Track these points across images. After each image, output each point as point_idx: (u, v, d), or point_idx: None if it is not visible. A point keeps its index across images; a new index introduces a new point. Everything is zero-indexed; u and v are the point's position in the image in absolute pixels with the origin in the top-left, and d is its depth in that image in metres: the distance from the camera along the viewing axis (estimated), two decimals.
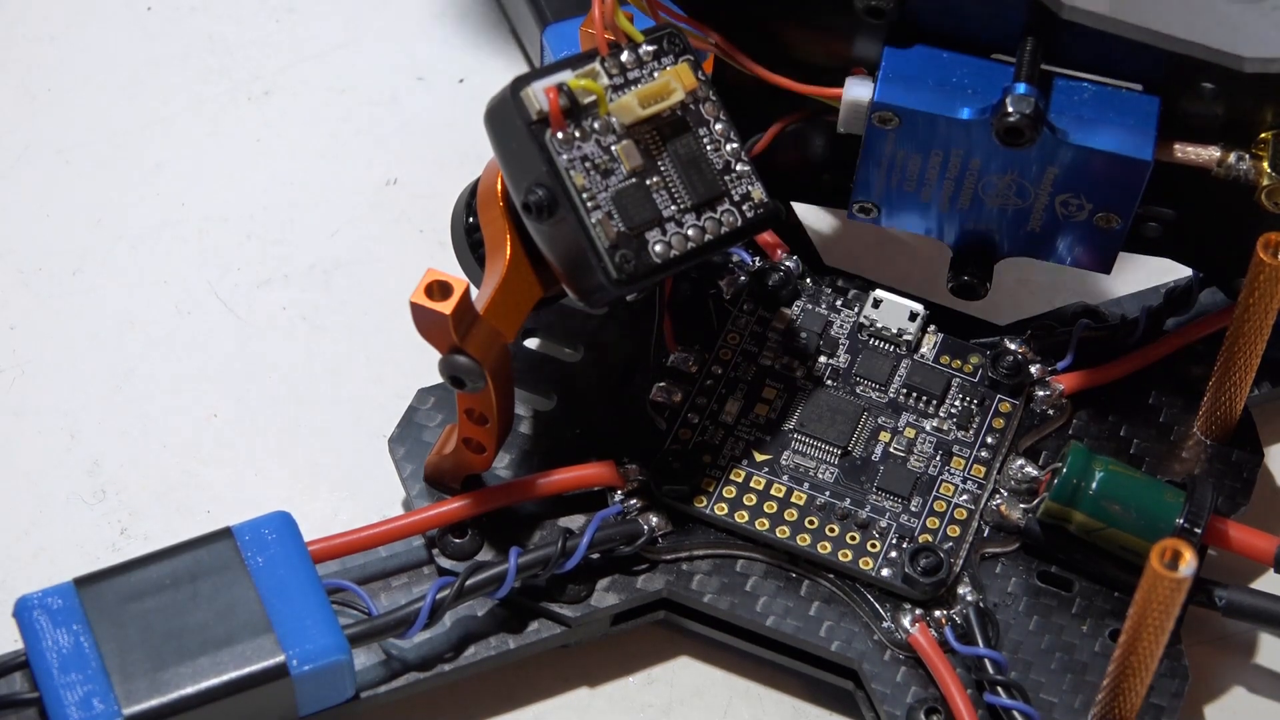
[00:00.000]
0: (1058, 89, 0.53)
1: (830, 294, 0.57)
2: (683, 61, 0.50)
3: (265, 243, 0.61)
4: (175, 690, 0.48)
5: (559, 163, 0.49)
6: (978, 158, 0.53)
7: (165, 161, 0.62)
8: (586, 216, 0.49)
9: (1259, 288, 0.51)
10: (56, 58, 0.64)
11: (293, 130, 0.63)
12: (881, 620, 0.52)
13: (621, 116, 0.49)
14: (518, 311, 0.51)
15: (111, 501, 0.56)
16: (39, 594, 0.49)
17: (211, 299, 0.60)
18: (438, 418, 0.55)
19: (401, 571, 0.53)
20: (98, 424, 0.57)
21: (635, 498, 0.53)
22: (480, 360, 0.49)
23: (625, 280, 0.49)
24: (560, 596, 0.52)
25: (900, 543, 0.53)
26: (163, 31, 0.65)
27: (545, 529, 0.53)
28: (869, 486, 0.54)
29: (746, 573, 0.53)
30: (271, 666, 0.49)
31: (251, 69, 0.64)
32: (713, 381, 0.55)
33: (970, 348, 0.56)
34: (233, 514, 0.52)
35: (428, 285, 0.48)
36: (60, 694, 0.48)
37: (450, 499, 0.53)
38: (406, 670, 0.52)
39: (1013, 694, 0.51)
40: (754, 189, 0.51)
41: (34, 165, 0.62)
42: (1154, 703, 0.51)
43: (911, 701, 0.51)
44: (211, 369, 0.58)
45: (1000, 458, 0.54)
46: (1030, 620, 0.53)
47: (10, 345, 0.59)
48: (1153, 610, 0.46)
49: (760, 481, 0.54)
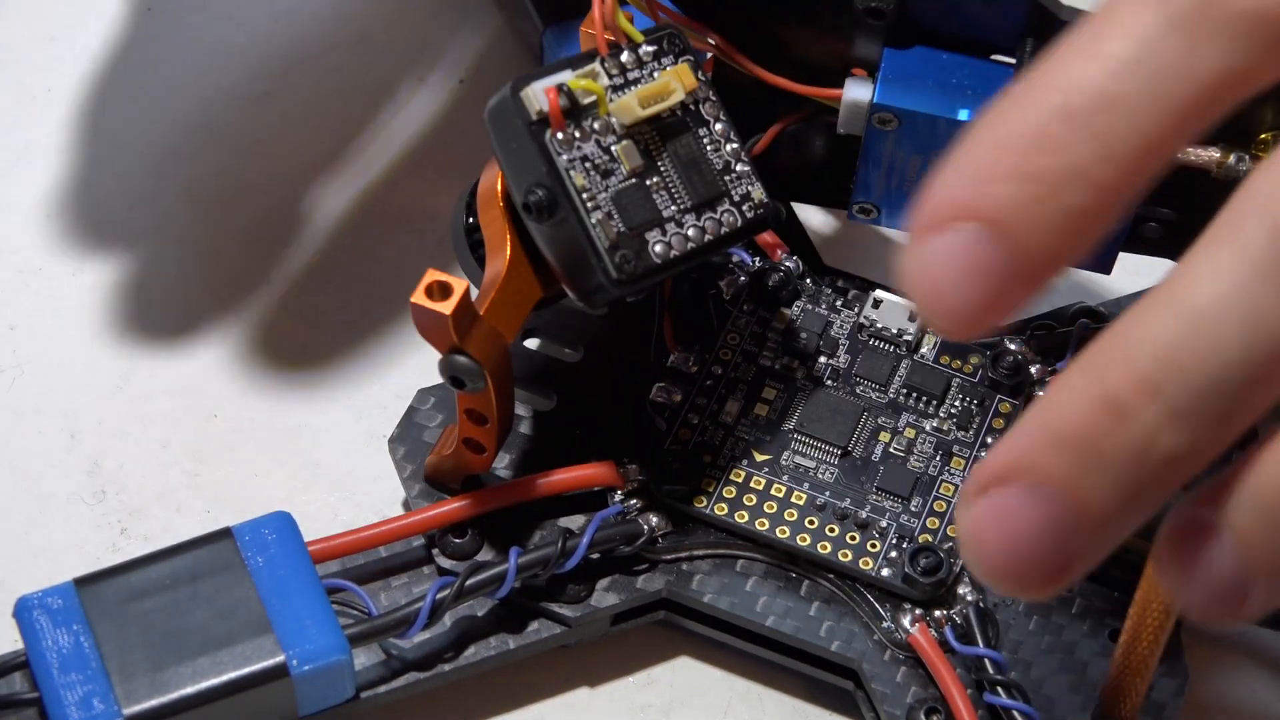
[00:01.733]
0: None
1: (830, 294, 0.57)
2: (683, 62, 0.50)
3: (265, 243, 0.61)
4: (175, 690, 0.48)
5: (559, 163, 0.49)
6: None
7: (165, 161, 0.62)
8: (586, 217, 0.49)
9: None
10: (56, 58, 0.64)
11: (293, 130, 0.63)
12: (881, 620, 0.52)
13: (621, 117, 0.49)
14: (518, 311, 0.51)
15: (111, 501, 0.56)
16: (39, 594, 0.49)
17: (211, 299, 0.60)
18: (438, 418, 0.55)
19: (401, 571, 0.53)
20: (98, 424, 0.57)
21: (635, 498, 0.53)
22: (480, 360, 0.49)
23: (625, 281, 0.49)
24: (560, 596, 0.52)
25: (900, 543, 0.53)
26: (163, 31, 0.65)
27: (545, 529, 0.53)
28: (869, 486, 0.54)
29: (746, 573, 0.53)
30: (271, 666, 0.49)
31: (251, 69, 0.64)
32: (713, 382, 0.55)
33: (970, 348, 0.56)
34: (233, 514, 0.52)
35: (428, 285, 0.48)
36: (60, 694, 0.48)
37: (450, 499, 0.53)
38: (406, 670, 0.52)
39: (1013, 694, 0.51)
40: (754, 189, 0.51)
41: (34, 165, 0.62)
42: (1154, 702, 0.51)
43: (911, 701, 0.51)
44: (211, 369, 0.58)
45: None
46: (1030, 620, 0.53)
47: (10, 345, 0.59)
48: (1153, 610, 0.46)
49: (760, 481, 0.54)
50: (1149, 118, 0.37)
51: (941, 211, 0.37)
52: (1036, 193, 0.37)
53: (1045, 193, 0.37)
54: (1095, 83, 0.37)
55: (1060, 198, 0.37)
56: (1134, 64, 0.37)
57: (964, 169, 0.38)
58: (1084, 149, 0.37)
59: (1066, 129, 0.37)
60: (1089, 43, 0.38)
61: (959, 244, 0.37)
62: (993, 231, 0.37)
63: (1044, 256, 0.38)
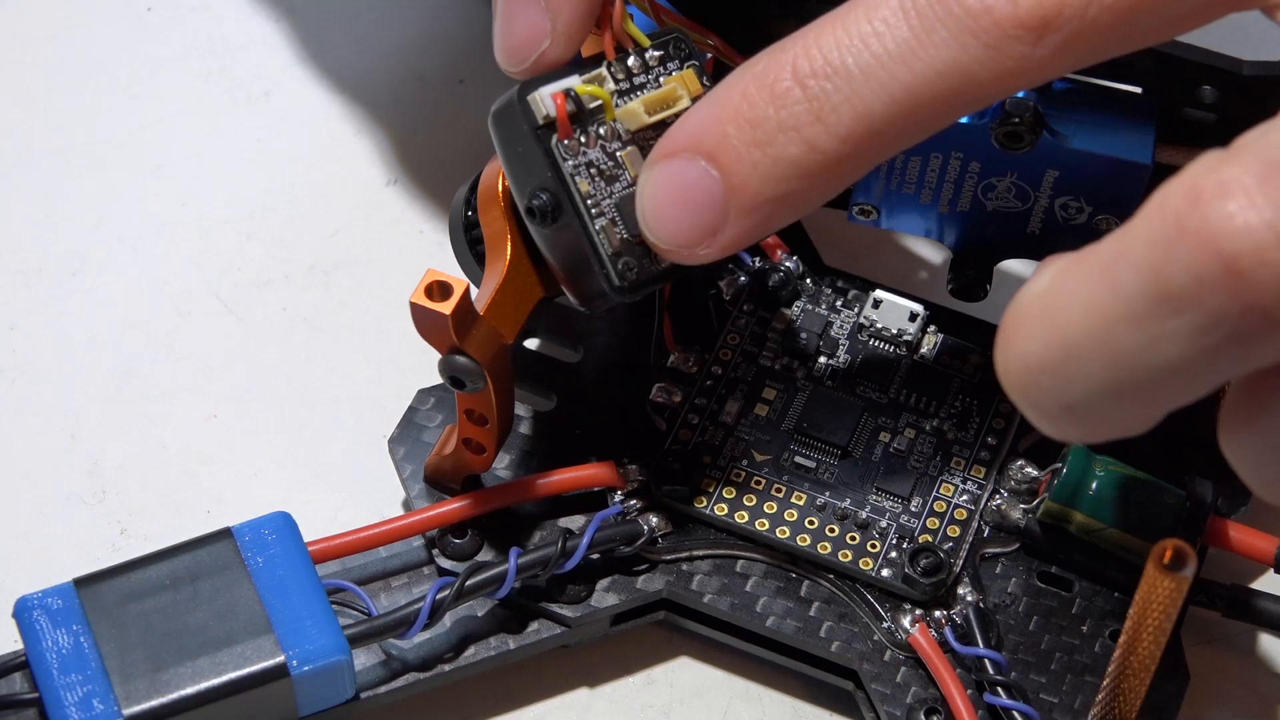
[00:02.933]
0: (1057, 92, 0.53)
1: (830, 294, 0.57)
2: (688, 67, 0.50)
3: (265, 243, 0.61)
4: (175, 690, 0.48)
5: (564, 169, 0.49)
6: (977, 161, 0.53)
7: (165, 162, 0.62)
8: (590, 223, 0.49)
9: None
10: (56, 58, 0.64)
11: (293, 130, 0.63)
12: (881, 621, 0.52)
13: (627, 123, 0.49)
14: (518, 312, 0.51)
15: (111, 501, 0.56)
16: (39, 594, 0.49)
17: (211, 299, 0.60)
18: (438, 418, 0.55)
19: (401, 572, 0.53)
20: (98, 424, 0.57)
21: (635, 498, 0.53)
22: (480, 360, 0.49)
23: (627, 288, 0.49)
24: (560, 597, 0.52)
25: (900, 543, 0.53)
26: (163, 31, 0.65)
27: (545, 529, 0.53)
28: (869, 487, 0.54)
29: (746, 573, 0.53)
30: (271, 667, 0.49)
31: (251, 69, 0.64)
32: (713, 382, 0.55)
33: (970, 348, 0.56)
34: (233, 514, 0.52)
35: (428, 285, 0.48)
36: (60, 694, 0.48)
37: (450, 499, 0.53)
38: (406, 670, 0.52)
39: (1013, 694, 0.51)
40: None
41: (34, 165, 0.62)
42: (1154, 703, 0.51)
43: (911, 702, 0.51)
44: (211, 369, 0.58)
45: (1000, 458, 0.54)
46: (1030, 620, 0.53)
47: (10, 345, 0.59)
48: (1153, 610, 0.46)
49: (760, 482, 0.54)
50: (865, 93, 0.42)
51: (677, 144, 0.44)
52: (754, 138, 0.43)
53: (762, 139, 0.43)
54: (827, 51, 0.43)
55: (773, 147, 0.43)
56: (863, 40, 0.42)
57: (704, 108, 0.44)
58: (799, 108, 0.43)
59: (791, 86, 0.43)
60: (843, 13, 0.43)
61: (685, 171, 0.44)
62: (712, 164, 0.44)
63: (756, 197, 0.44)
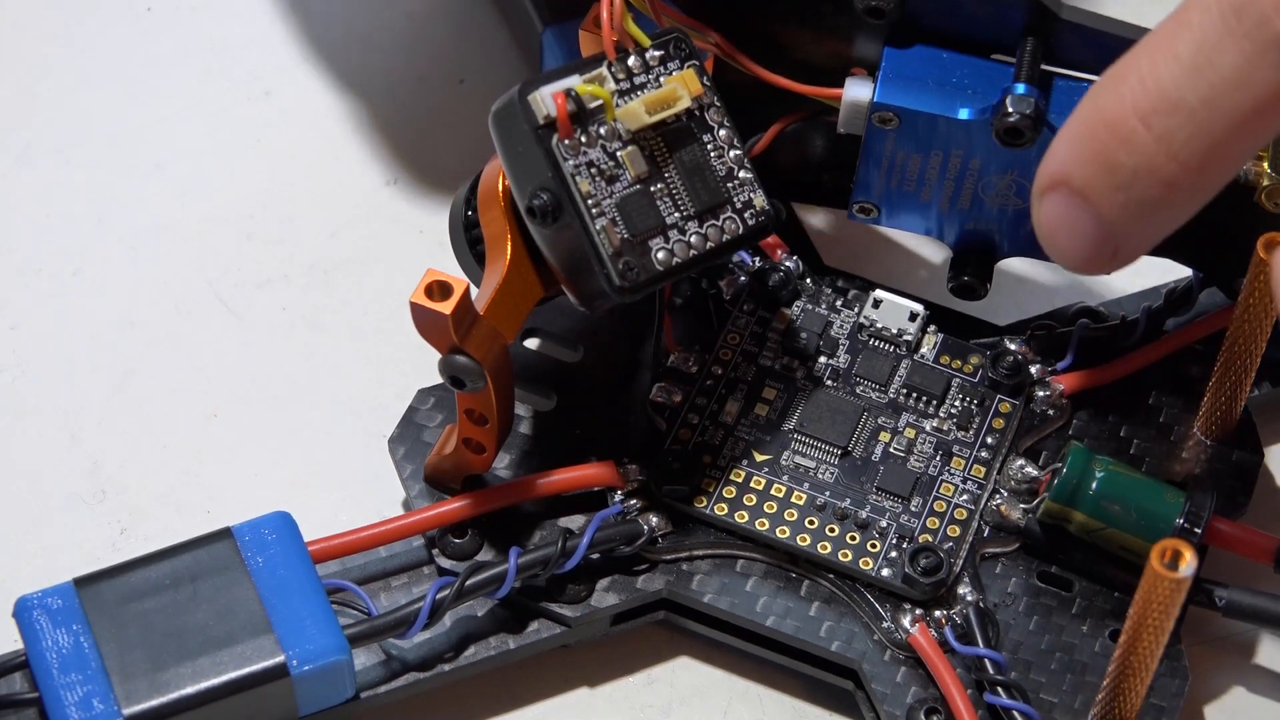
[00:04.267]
0: (1058, 89, 0.53)
1: (830, 294, 0.57)
2: (688, 67, 0.50)
3: (265, 243, 0.61)
4: (175, 690, 0.48)
5: (565, 168, 0.49)
6: (978, 158, 0.53)
7: (165, 161, 0.62)
8: (591, 223, 0.49)
9: (1259, 288, 0.51)
10: (56, 58, 0.64)
11: (293, 130, 0.63)
12: (881, 620, 0.52)
13: (628, 123, 0.49)
14: (518, 311, 0.51)
15: (111, 501, 0.56)
16: (39, 594, 0.50)
17: (211, 299, 0.60)
18: (438, 418, 0.55)
19: (401, 571, 0.53)
20: (98, 424, 0.57)
21: (635, 498, 0.53)
22: (480, 360, 0.49)
23: (628, 288, 0.49)
24: (560, 596, 0.52)
25: (900, 543, 0.53)
26: (163, 31, 0.65)
27: (545, 529, 0.53)
28: (869, 486, 0.54)
29: (746, 573, 0.53)
30: (271, 666, 0.49)
31: (251, 69, 0.64)
32: (713, 382, 0.55)
33: (970, 348, 0.56)
34: (233, 514, 0.52)
35: (428, 285, 0.48)
36: (60, 694, 0.48)
37: (450, 499, 0.53)
38: (406, 670, 0.52)
39: (1013, 694, 0.51)
40: (756, 196, 0.51)
41: (34, 165, 0.62)
42: (1154, 703, 0.51)
43: (911, 701, 0.51)
44: (211, 369, 0.58)
45: (1000, 458, 0.54)
46: (1030, 620, 0.53)
47: (10, 345, 0.59)
48: (1153, 610, 0.46)
49: (760, 481, 0.54)
50: (1208, 122, 0.42)
51: (1053, 178, 0.45)
52: (1115, 182, 0.43)
53: (1121, 183, 0.43)
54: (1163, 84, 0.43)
55: (1135, 190, 0.43)
56: (1196, 70, 0.42)
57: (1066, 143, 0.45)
58: (1150, 150, 0.43)
59: (1136, 128, 0.43)
60: (1167, 40, 0.43)
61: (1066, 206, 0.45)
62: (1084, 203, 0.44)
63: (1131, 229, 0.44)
